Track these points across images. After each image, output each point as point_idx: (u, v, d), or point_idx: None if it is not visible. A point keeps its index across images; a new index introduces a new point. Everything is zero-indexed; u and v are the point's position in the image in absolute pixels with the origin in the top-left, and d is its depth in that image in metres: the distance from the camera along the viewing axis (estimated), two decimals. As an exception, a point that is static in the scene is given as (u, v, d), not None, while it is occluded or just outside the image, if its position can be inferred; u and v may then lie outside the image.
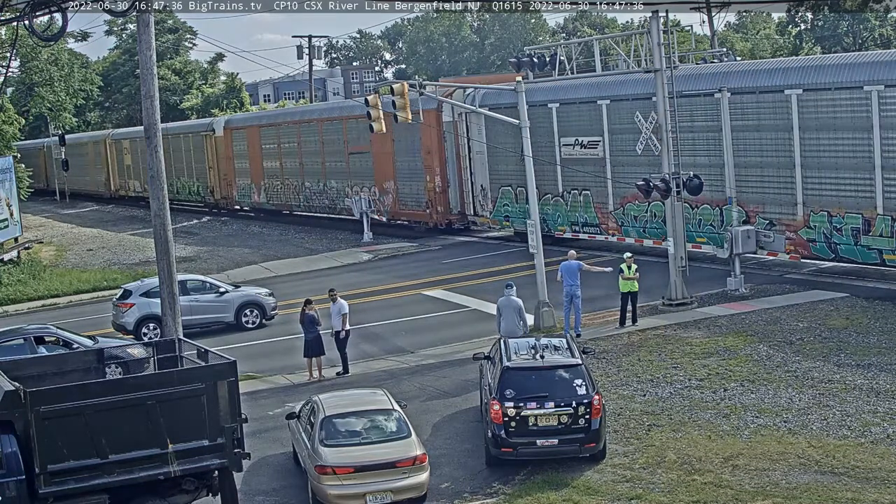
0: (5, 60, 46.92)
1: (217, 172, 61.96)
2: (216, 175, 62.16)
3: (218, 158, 61.41)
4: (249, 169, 58.71)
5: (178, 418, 14.72)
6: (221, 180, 61.73)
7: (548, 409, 16.95)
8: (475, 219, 42.77)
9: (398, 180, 46.39)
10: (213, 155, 61.83)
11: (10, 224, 46.29)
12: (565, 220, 37.69)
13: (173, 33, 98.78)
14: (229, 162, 60.48)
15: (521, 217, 37.30)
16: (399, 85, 27.43)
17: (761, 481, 16.04)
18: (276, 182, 56.52)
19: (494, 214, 41.17)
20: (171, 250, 20.87)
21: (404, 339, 27.46)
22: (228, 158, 60.50)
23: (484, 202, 41.77)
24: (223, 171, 61.33)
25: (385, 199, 47.48)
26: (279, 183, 56.17)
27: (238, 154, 59.82)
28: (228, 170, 60.76)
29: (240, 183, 60.08)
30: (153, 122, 20.70)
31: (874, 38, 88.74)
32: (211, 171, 62.54)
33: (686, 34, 66.77)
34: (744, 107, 30.37)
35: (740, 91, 30.28)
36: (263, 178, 57.44)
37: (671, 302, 27.56)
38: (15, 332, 24.59)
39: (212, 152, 61.97)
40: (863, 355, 21.87)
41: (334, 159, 50.84)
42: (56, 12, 21.35)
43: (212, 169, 62.41)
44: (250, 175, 58.72)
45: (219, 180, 62.01)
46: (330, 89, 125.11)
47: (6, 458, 13.92)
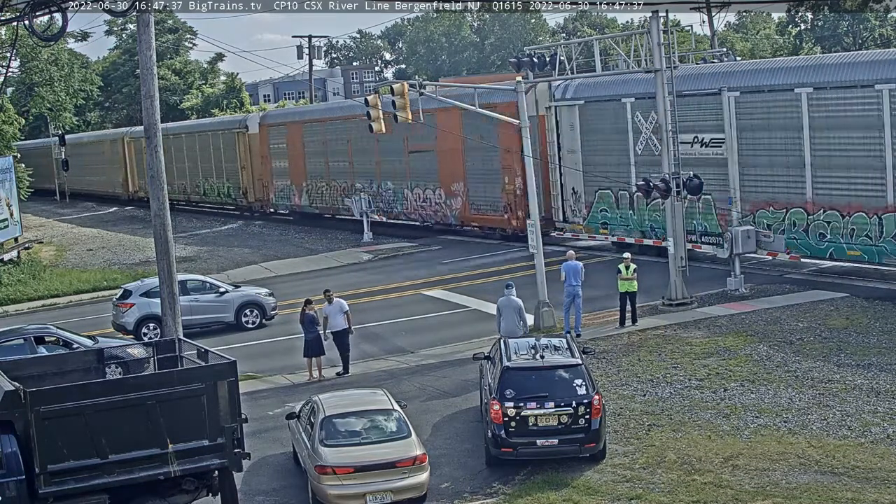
0: (5, 60, 46.95)
1: (251, 173, 58.11)
2: (250, 175, 58.29)
3: (252, 157, 57.60)
4: (289, 169, 54.49)
5: (178, 418, 14.72)
6: (256, 181, 57.81)
7: (548, 409, 16.95)
8: (564, 226, 37.92)
9: (469, 182, 41.90)
10: (247, 154, 57.96)
11: (10, 224, 46.31)
12: None
13: (173, 33, 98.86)
14: (265, 161, 56.44)
15: (624, 224, 34.71)
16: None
17: (761, 481, 16.04)
18: (320, 183, 52.20)
19: (589, 221, 36.49)
20: (171, 250, 20.86)
21: (404, 339, 27.46)
22: (264, 158, 56.43)
23: (576, 207, 37.25)
24: (257, 171, 57.47)
25: (453, 202, 43.11)
26: (324, 184, 51.90)
27: (276, 153, 55.70)
28: (264, 170, 56.81)
29: (278, 184, 55.81)
30: (153, 122, 20.70)
31: (874, 38, 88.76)
32: (244, 171, 58.63)
33: (686, 34, 66.75)
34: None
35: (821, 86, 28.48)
36: (306, 179, 53.35)
37: (671, 302, 27.57)
38: (15, 332, 24.59)
39: (245, 151, 58.10)
40: (863, 355, 21.87)
41: (391, 158, 46.29)
42: (56, 12, 21.34)
43: (244, 169, 58.50)
44: (290, 176, 54.49)
45: (252, 181, 58.09)
46: (330, 89, 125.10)
47: (6, 458, 13.92)
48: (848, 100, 27.71)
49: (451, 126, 39.41)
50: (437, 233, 44.73)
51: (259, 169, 57.29)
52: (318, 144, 52.10)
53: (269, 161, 56.31)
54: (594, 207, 36.32)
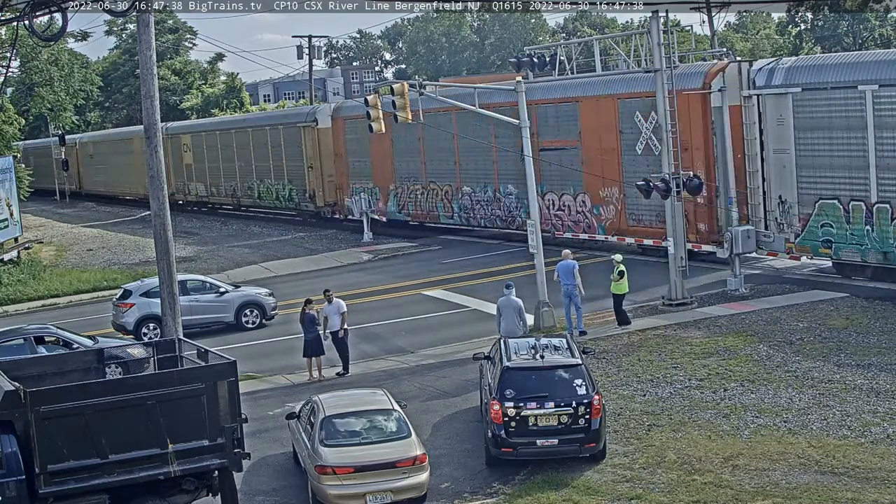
0: (5, 60, 46.90)
1: (320, 173, 50.90)
2: (318, 177, 51.07)
3: (321, 156, 50.61)
4: (371, 169, 47.42)
5: (178, 418, 14.73)
6: (326, 183, 50.70)
7: (548, 409, 16.96)
8: (765, 243, 30.53)
9: (627, 186, 33.48)
10: (315, 151, 50.92)
11: (10, 224, 46.29)
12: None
13: (173, 33, 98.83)
14: (340, 160, 49.40)
15: (857, 243, 28.00)
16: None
17: (761, 481, 16.04)
18: (414, 186, 44.97)
19: (804, 239, 29.32)
20: (171, 250, 20.86)
21: (404, 339, 27.46)
22: (339, 156, 49.51)
23: (785, 220, 29.93)
24: (328, 171, 50.43)
25: (604, 210, 35.25)
26: (419, 188, 44.68)
27: (353, 150, 48.33)
28: (338, 170, 49.76)
29: (356, 187, 48.50)
30: (153, 122, 20.70)
31: (874, 38, 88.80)
32: (311, 171, 51.38)
33: (686, 34, 66.78)
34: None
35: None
36: (394, 182, 46.14)
37: (671, 302, 27.57)
38: (15, 332, 24.60)
39: (313, 148, 51.00)
40: (863, 355, 21.87)
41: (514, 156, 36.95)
42: (56, 12, 21.36)
43: (312, 169, 51.26)
44: (372, 177, 47.46)
45: (322, 183, 50.88)
46: (330, 89, 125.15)
47: (6, 458, 13.93)
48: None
49: (602, 118, 34.11)
50: (439, 233, 44.59)
51: (330, 169, 50.42)
52: (413, 141, 44.09)
53: (344, 160, 49.27)
54: (812, 221, 29.21)
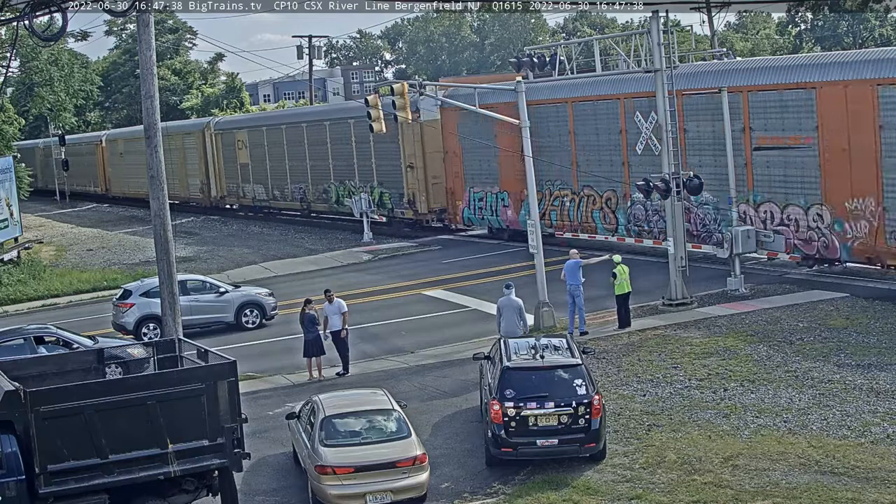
0: (5, 60, 46.90)
1: (423, 174, 44.11)
2: (419, 179, 44.19)
3: (425, 154, 43.85)
4: (499, 171, 40.07)
5: (178, 418, 14.73)
6: (431, 186, 43.97)
7: (548, 409, 16.96)
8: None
9: (889, 196, 26.95)
10: (416, 149, 44.08)
11: (10, 224, 46.29)
12: None
13: (173, 33, 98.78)
14: (453, 160, 42.63)
15: None
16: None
17: (761, 481, 16.05)
18: (561, 193, 37.67)
19: None
20: (171, 250, 20.87)
21: (404, 339, 27.46)
22: (453, 154, 42.58)
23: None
24: (433, 172, 43.85)
25: (849, 227, 28.03)
26: (567, 193, 37.44)
27: (470, 147, 40.69)
28: (450, 172, 42.95)
29: (476, 193, 41.66)
30: (153, 122, 20.70)
31: (874, 38, 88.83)
32: (409, 172, 44.50)
33: (686, 34, 66.81)
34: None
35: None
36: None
37: (671, 302, 27.57)
38: (15, 332, 24.63)
39: (414, 144, 44.09)
40: (863, 355, 21.88)
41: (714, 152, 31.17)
42: (56, 12, 21.35)
43: (412, 169, 44.35)
44: (499, 181, 40.25)
45: (426, 186, 44.07)
46: (330, 89, 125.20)
47: (6, 458, 13.93)
48: None
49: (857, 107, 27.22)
50: (436, 232, 44.55)
51: (437, 170, 43.73)
52: (561, 136, 37.16)
53: (460, 159, 42.26)
54: None
